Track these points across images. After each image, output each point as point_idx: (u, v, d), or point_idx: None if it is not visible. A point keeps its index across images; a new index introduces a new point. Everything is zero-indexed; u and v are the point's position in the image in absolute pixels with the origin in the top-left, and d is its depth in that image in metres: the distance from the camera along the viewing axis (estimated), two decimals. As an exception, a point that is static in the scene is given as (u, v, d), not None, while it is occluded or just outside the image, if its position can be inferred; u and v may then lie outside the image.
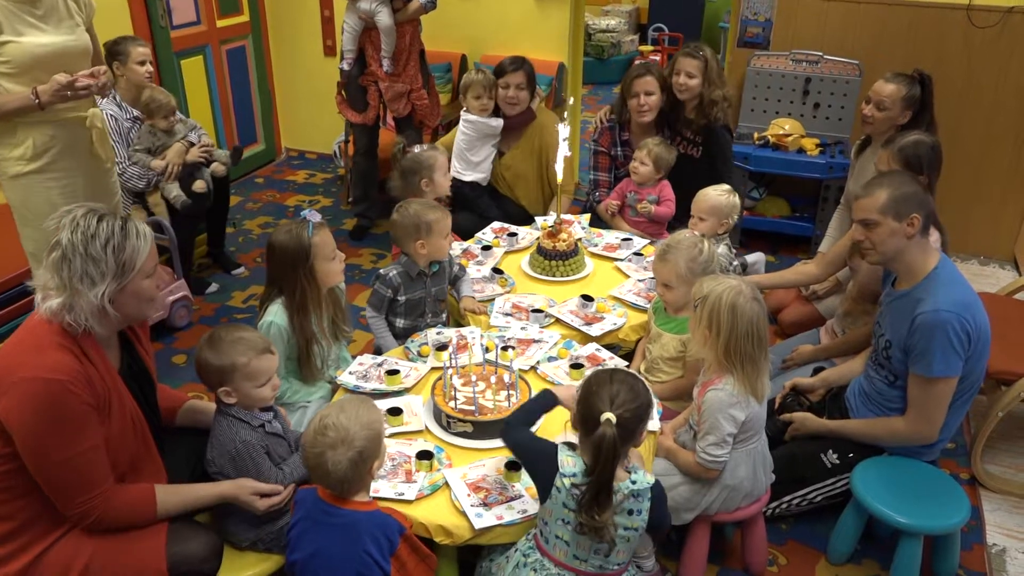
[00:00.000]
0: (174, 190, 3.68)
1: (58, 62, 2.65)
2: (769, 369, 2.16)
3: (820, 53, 4.42)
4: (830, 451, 2.49)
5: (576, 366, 2.42)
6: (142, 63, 3.63)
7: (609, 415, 1.71)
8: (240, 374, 1.98)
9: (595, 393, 1.77)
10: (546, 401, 2.02)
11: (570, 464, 1.79)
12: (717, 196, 2.98)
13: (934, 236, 2.43)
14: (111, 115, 3.63)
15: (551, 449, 1.83)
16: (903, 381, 2.37)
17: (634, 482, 1.78)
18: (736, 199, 3.01)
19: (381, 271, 2.70)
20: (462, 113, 3.82)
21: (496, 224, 3.46)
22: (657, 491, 1.81)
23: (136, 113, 3.70)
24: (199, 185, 3.74)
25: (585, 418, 1.77)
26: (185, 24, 4.80)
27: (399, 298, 2.68)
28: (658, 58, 8.05)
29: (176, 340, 3.62)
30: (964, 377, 2.29)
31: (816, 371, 2.77)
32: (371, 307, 2.72)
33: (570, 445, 1.87)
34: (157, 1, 4.48)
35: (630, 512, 1.78)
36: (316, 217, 2.42)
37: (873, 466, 2.40)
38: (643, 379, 1.90)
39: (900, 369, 2.36)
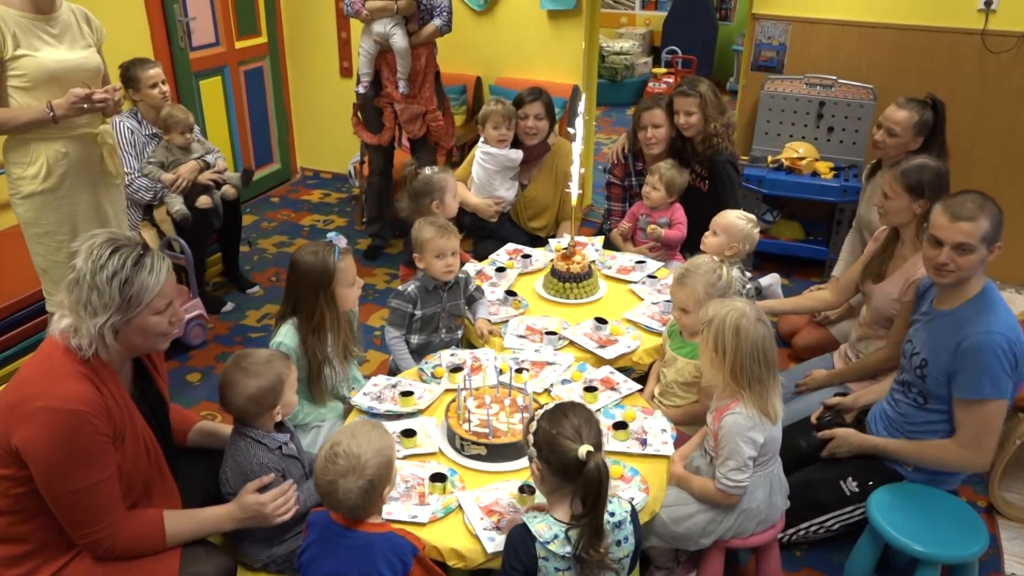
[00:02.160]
0: (176, 203, 3.70)
1: (72, 79, 2.69)
2: (780, 391, 2.15)
3: (834, 77, 4.43)
4: (849, 478, 2.47)
5: (590, 389, 2.42)
6: (154, 85, 3.69)
7: (588, 448, 1.68)
8: (287, 384, 2.04)
9: (557, 438, 1.70)
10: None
11: (545, 529, 1.74)
12: (737, 218, 2.99)
13: None
14: (128, 127, 3.70)
15: (518, 536, 1.76)
16: (935, 403, 2.34)
17: (612, 514, 1.77)
18: (755, 232, 3.02)
19: (399, 288, 2.71)
20: (480, 144, 3.83)
21: (510, 246, 3.47)
22: (632, 512, 1.82)
23: (155, 130, 3.76)
24: (203, 200, 3.76)
25: (562, 466, 1.71)
26: (204, 45, 4.86)
27: (416, 312, 2.69)
28: (671, 80, 8.08)
29: (191, 358, 3.64)
30: None
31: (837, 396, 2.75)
32: (392, 327, 2.72)
33: (533, 511, 1.81)
34: (177, 23, 4.55)
35: (619, 543, 1.77)
36: (343, 242, 2.44)
37: (889, 493, 2.38)
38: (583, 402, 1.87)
39: (934, 390, 2.33)
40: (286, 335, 2.41)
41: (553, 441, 1.71)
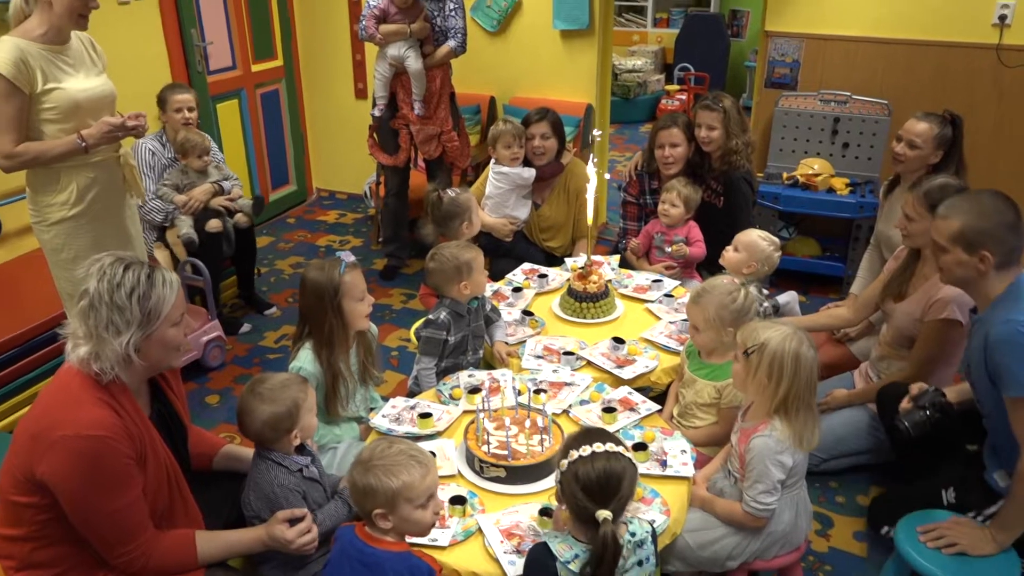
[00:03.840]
0: (184, 226, 3.73)
1: (96, 106, 2.73)
2: (818, 418, 2.13)
3: (848, 93, 4.43)
4: (951, 488, 2.40)
5: (608, 410, 2.41)
6: (178, 110, 3.79)
7: (606, 515, 1.67)
8: (304, 409, 2.03)
9: (579, 492, 1.68)
10: None
11: (566, 549, 1.74)
12: (760, 238, 2.99)
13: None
14: (150, 149, 3.77)
15: (538, 555, 1.76)
16: (994, 419, 2.23)
17: (633, 534, 1.76)
18: (776, 256, 3.02)
19: (430, 316, 2.69)
20: (492, 165, 3.84)
21: (526, 265, 3.47)
22: (652, 532, 1.81)
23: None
24: (213, 224, 3.79)
25: (578, 514, 1.72)
26: (221, 69, 4.92)
27: (449, 339, 2.68)
28: (684, 97, 8.10)
29: (209, 380, 3.66)
30: None
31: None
32: (427, 356, 2.68)
33: (556, 535, 1.80)
34: (194, 47, 4.60)
35: (640, 563, 1.75)
36: (350, 258, 2.46)
37: (917, 520, 2.33)
38: (617, 439, 1.79)
39: (985, 400, 2.24)
40: (305, 360, 2.42)
41: (575, 493, 1.70)
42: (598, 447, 1.71)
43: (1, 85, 2.52)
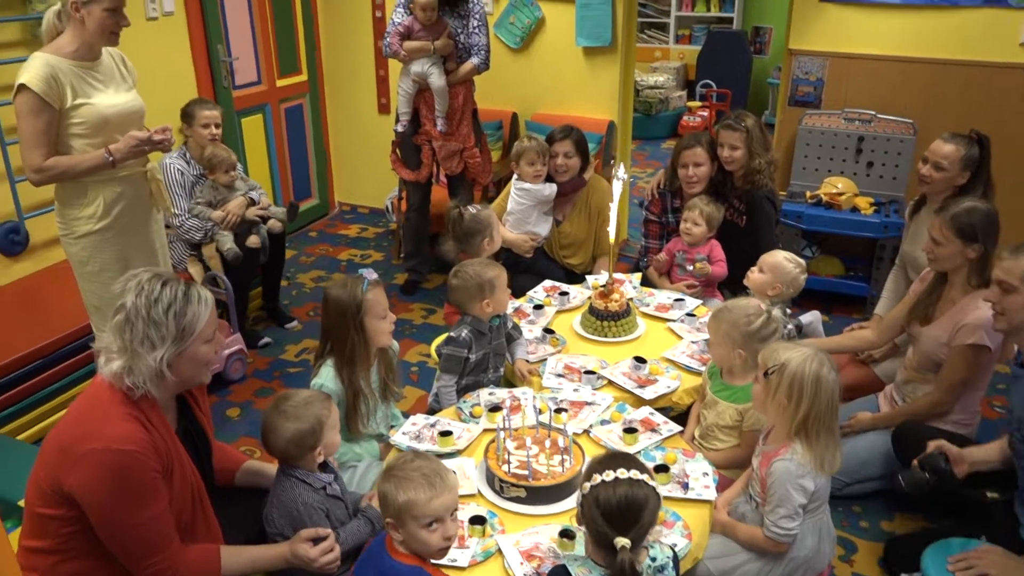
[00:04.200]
0: (227, 242, 3.77)
1: (125, 122, 2.78)
2: (839, 441, 2.11)
3: (873, 112, 4.40)
4: (982, 538, 2.34)
5: (629, 430, 2.39)
6: (206, 126, 3.84)
7: (624, 543, 1.65)
8: (327, 425, 2.05)
9: (599, 517, 1.68)
10: None
11: (585, 573, 1.73)
12: (785, 261, 2.97)
13: None
14: (178, 169, 3.81)
15: None
16: None
17: (654, 559, 1.74)
18: (802, 278, 2.99)
19: (451, 334, 2.70)
20: (514, 181, 3.85)
21: (547, 282, 3.47)
22: (674, 557, 1.80)
23: (202, 170, 3.86)
24: (253, 240, 3.85)
25: (598, 540, 1.71)
26: (247, 84, 4.98)
27: (470, 356, 2.68)
28: (706, 113, 8.08)
29: (231, 393, 3.67)
30: None
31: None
32: (448, 374, 2.68)
33: (576, 557, 1.80)
34: (220, 63, 4.66)
35: None
36: (373, 275, 2.47)
37: (945, 549, 2.29)
38: (643, 466, 1.77)
39: None
40: (326, 377, 2.43)
41: (595, 517, 1.69)
42: (622, 473, 1.70)
43: (32, 100, 2.56)
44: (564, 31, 4.87)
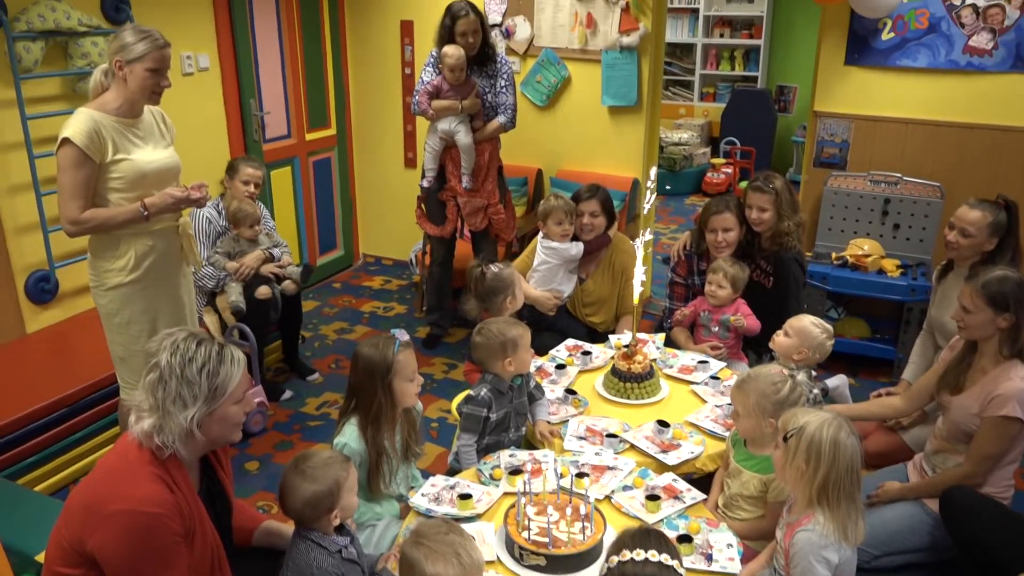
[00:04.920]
0: (234, 293, 3.79)
1: (161, 177, 2.84)
2: (863, 510, 2.06)
3: (899, 174, 4.39)
4: None
5: (652, 498, 2.35)
6: (246, 183, 3.95)
7: None
8: (345, 488, 2.03)
9: None
10: None
11: None
12: (812, 326, 2.94)
13: None
14: (206, 217, 3.87)
15: None
16: None
17: None
18: (829, 344, 2.95)
19: (471, 393, 2.69)
20: (540, 239, 3.86)
21: (570, 342, 3.45)
22: None
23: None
24: (263, 291, 3.84)
25: None
26: (277, 138, 5.08)
27: (490, 416, 2.66)
28: (730, 170, 8.12)
29: (250, 446, 3.66)
30: None
31: None
32: (467, 433, 2.67)
33: None
34: (252, 117, 4.76)
35: None
36: (404, 336, 2.47)
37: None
38: (675, 550, 1.73)
39: None
40: (350, 436, 2.42)
41: None
42: (652, 555, 1.66)
43: (74, 154, 2.63)
44: (590, 90, 4.94)
